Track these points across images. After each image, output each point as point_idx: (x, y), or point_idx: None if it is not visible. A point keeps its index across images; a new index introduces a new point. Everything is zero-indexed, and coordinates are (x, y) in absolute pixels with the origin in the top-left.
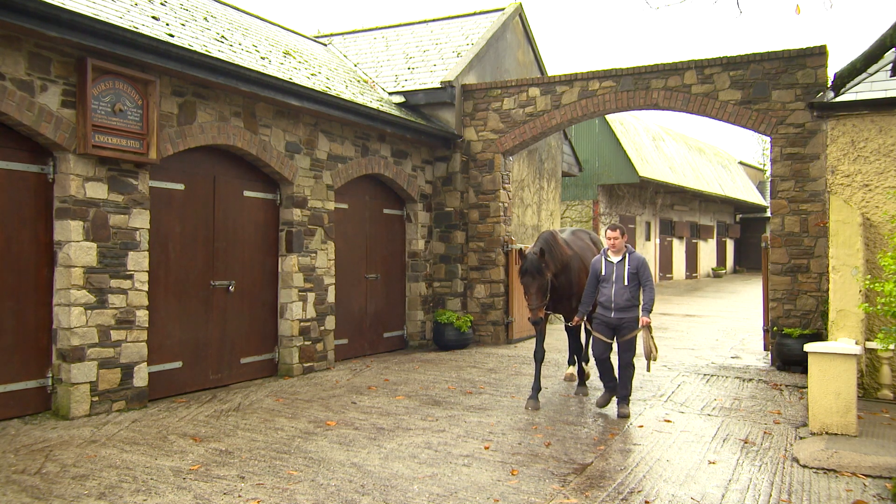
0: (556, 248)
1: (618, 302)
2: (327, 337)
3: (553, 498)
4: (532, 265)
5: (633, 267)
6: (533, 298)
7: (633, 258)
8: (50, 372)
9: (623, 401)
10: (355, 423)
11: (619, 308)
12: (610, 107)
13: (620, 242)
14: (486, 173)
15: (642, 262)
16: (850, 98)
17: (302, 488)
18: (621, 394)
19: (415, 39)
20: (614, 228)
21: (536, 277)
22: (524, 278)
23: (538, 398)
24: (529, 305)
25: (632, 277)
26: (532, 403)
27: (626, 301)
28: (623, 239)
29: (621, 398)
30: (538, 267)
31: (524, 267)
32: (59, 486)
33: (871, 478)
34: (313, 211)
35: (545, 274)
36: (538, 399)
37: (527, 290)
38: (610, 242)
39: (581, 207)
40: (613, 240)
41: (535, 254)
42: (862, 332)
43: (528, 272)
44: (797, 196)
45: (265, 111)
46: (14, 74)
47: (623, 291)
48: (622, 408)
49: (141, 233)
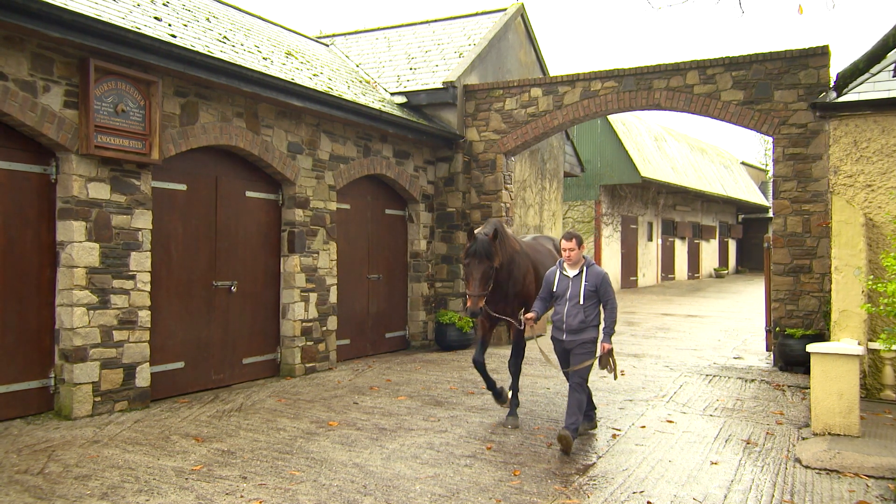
0: (505, 237)
1: (570, 323)
2: (329, 337)
3: (555, 498)
4: (482, 247)
5: (592, 283)
6: (476, 284)
7: (591, 273)
8: (52, 372)
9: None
10: (357, 424)
11: (572, 330)
12: (612, 107)
13: (577, 254)
14: (488, 174)
15: (602, 278)
16: (853, 98)
17: (304, 488)
18: (567, 421)
19: (417, 40)
20: (570, 237)
21: (484, 261)
22: (469, 260)
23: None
24: (470, 292)
25: (589, 295)
26: (511, 421)
27: (579, 322)
28: (580, 250)
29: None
30: (488, 250)
31: (473, 248)
32: (62, 486)
33: (873, 478)
34: (315, 211)
35: (493, 259)
36: (517, 414)
37: (469, 275)
38: (565, 254)
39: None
40: (569, 251)
41: (486, 235)
42: (864, 332)
43: (477, 254)
44: (799, 196)
45: (267, 112)
46: (17, 75)
47: (576, 311)
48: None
49: (143, 233)
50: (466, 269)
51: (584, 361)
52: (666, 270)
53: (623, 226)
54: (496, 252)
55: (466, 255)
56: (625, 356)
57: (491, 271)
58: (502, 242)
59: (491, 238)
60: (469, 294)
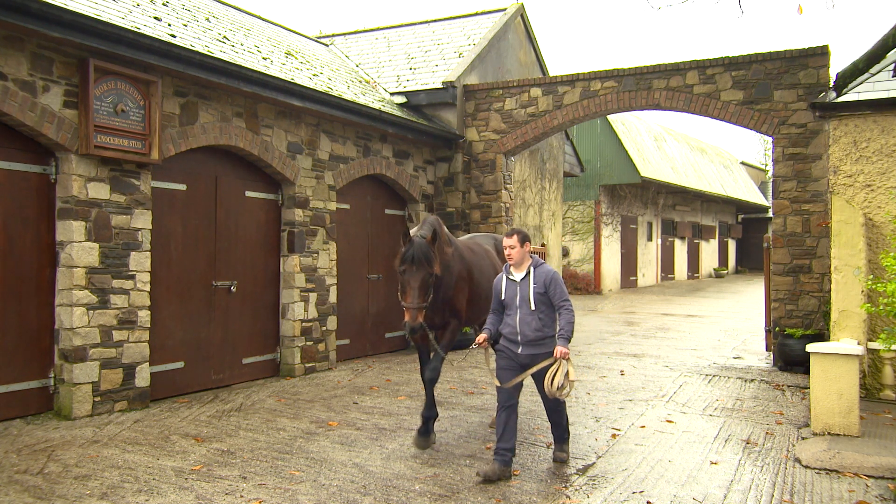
0: (441, 238)
1: (525, 333)
2: (329, 337)
3: (556, 498)
4: (420, 251)
5: (541, 285)
6: (414, 294)
7: (539, 273)
8: (52, 372)
9: (561, 441)
10: (357, 424)
11: (529, 342)
12: (612, 107)
13: (519, 253)
14: (488, 174)
15: (552, 278)
16: (853, 98)
17: (304, 488)
18: (556, 433)
19: (416, 40)
20: (511, 234)
21: (423, 268)
22: (406, 267)
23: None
24: (407, 304)
25: (540, 299)
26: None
27: (535, 332)
28: (523, 249)
29: (557, 437)
30: (427, 255)
31: (409, 253)
32: (62, 486)
33: (873, 478)
34: (315, 211)
35: (433, 265)
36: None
37: (406, 284)
38: (506, 253)
39: (583, 208)
40: (510, 249)
41: (424, 237)
42: (864, 332)
43: (415, 260)
44: (799, 196)
45: (267, 111)
46: (16, 75)
47: (530, 319)
48: (559, 451)
49: (143, 233)
50: (402, 277)
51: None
52: (666, 270)
53: (623, 226)
54: (435, 257)
55: (402, 262)
56: (625, 356)
57: (430, 279)
58: (440, 245)
59: (430, 241)
60: (405, 306)
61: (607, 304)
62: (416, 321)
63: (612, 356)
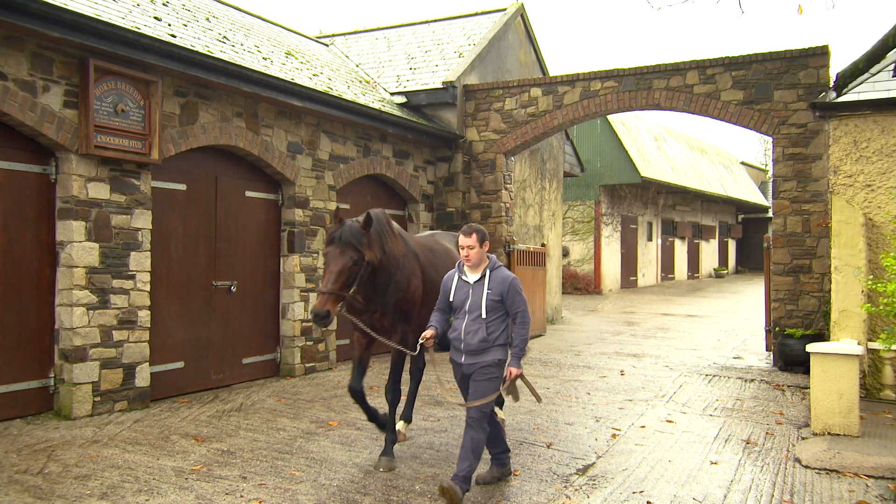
0: (387, 231)
1: (468, 342)
2: (329, 337)
3: (556, 498)
4: (348, 233)
5: (496, 292)
6: (331, 279)
7: (495, 278)
8: (52, 372)
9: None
10: (357, 424)
11: (471, 350)
12: (612, 107)
13: (477, 253)
14: (488, 174)
15: (510, 285)
16: (853, 98)
17: (304, 488)
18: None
19: (416, 40)
20: (469, 232)
21: (347, 252)
22: (329, 248)
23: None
24: (320, 288)
25: (493, 307)
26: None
27: (478, 342)
28: (482, 248)
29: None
30: (357, 238)
31: (335, 233)
32: (62, 486)
33: (873, 478)
34: (315, 211)
35: (361, 253)
36: (392, 454)
37: (325, 267)
38: (463, 253)
39: (583, 208)
40: (467, 249)
41: (357, 221)
42: (864, 332)
43: (338, 241)
44: (799, 196)
45: (267, 111)
46: (16, 75)
47: (476, 327)
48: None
49: (143, 233)
50: (326, 259)
51: (485, 393)
52: (666, 270)
53: (623, 226)
54: (368, 244)
55: (327, 243)
56: (625, 356)
57: (356, 267)
58: (380, 235)
59: (362, 225)
60: (319, 290)
61: (607, 304)
62: (324, 307)
63: (612, 356)
